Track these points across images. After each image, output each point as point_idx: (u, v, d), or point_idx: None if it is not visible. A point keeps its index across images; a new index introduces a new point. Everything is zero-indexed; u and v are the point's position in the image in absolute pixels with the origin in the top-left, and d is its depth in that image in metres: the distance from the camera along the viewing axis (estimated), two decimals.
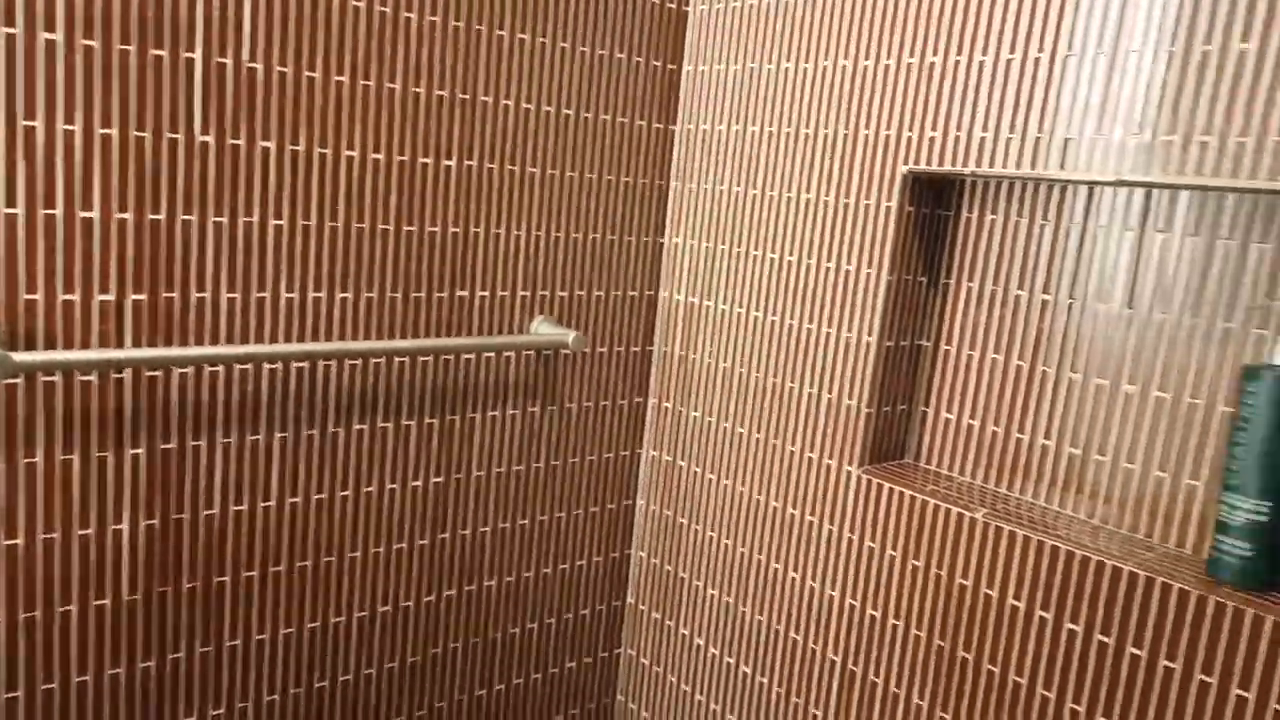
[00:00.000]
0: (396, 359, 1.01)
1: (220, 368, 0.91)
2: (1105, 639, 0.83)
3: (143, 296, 0.86)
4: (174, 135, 0.85)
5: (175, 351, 0.84)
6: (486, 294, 1.06)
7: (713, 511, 1.17)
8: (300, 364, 0.95)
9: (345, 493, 1.01)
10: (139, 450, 0.88)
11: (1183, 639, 0.78)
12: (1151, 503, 0.87)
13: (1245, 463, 0.76)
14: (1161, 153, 0.76)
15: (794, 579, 1.08)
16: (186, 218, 0.87)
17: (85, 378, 0.85)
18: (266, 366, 0.94)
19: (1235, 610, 0.75)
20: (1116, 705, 0.82)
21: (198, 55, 0.84)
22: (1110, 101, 0.79)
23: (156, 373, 0.88)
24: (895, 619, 0.98)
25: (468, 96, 1.00)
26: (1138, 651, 0.81)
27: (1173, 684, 0.78)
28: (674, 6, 1.13)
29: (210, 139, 0.86)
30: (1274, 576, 0.77)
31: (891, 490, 0.98)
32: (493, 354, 1.07)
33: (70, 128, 0.80)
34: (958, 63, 0.89)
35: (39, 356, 0.78)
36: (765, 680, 1.12)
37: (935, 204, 0.99)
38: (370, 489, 1.03)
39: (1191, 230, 0.83)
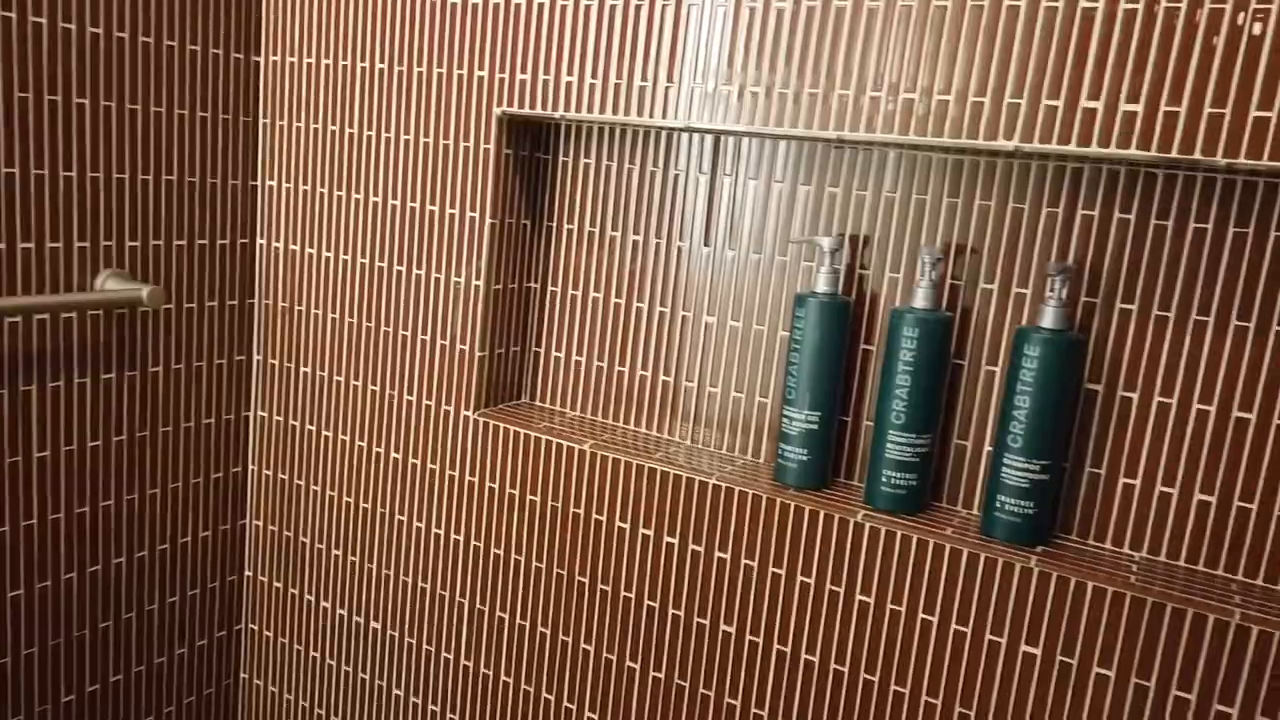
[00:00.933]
0: None
1: None
2: (697, 548, 0.91)
3: None
4: None
5: None
6: (31, 246, 0.91)
7: (332, 470, 1.12)
8: None
9: None
10: None
11: (758, 539, 0.88)
12: (733, 421, 0.97)
13: (798, 379, 0.87)
14: (722, 102, 0.83)
15: (419, 528, 1.07)
16: None
17: None
18: None
19: (796, 509, 0.86)
20: (709, 606, 0.91)
21: None
22: (678, 51, 0.84)
23: None
24: (517, 554, 1.01)
25: None
26: (723, 555, 0.90)
27: (753, 580, 0.88)
28: None
29: None
30: (825, 476, 0.89)
31: (507, 430, 0.99)
32: (46, 316, 0.93)
33: None
34: (541, 5, 0.89)
35: None
36: (396, 633, 1.10)
37: (534, 147, 1.01)
38: None
39: (753, 174, 0.92)
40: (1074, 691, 0.76)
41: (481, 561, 1.03)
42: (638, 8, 0.85)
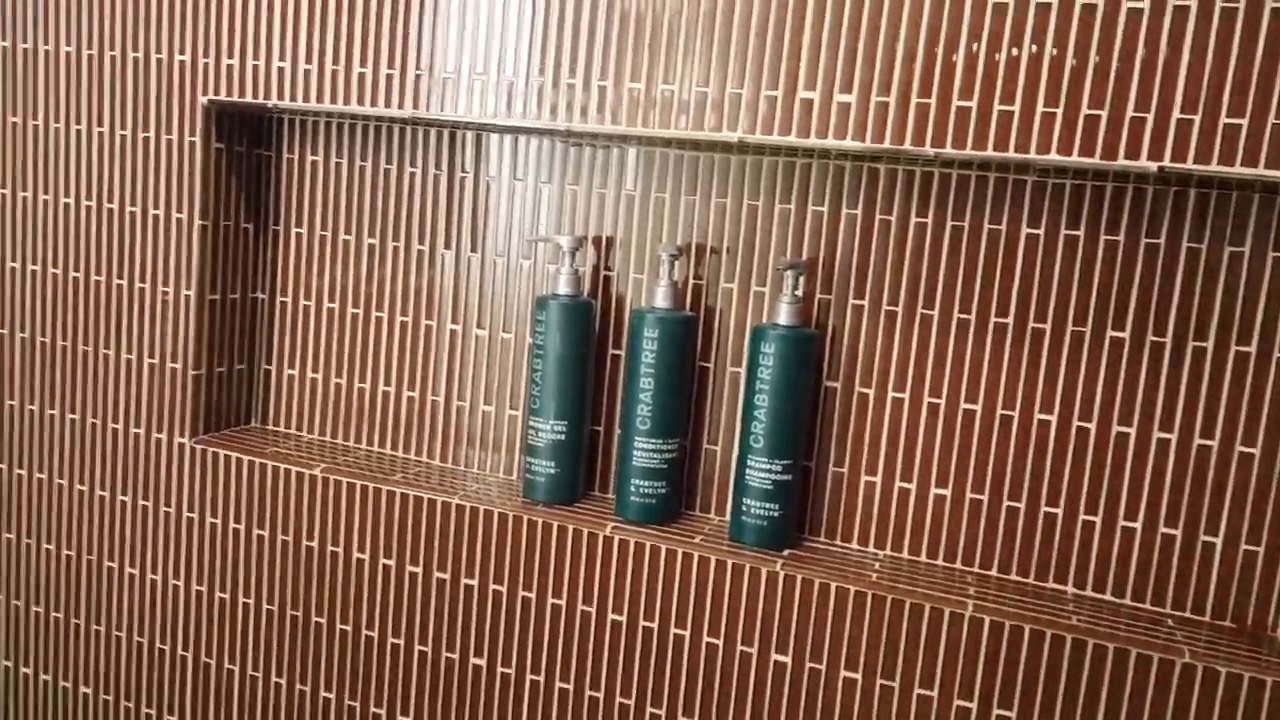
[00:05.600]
0: None
1: None
2: (443, 575, 0.83)
3: None
4: None
5: None
6: None
7: (26, 516, 0.96)
8: None
9: None
10: None
11: (506, 561, 0.81)
12: (483, 437, 0.90)
13: (543, 388, 0.82)
14: (453, 90, 0.77)
15: (132, 574, 0.94)
16: None
17: None
18: None
19: (544, 526, 0.80)
20: (458, 638, 0.83)
21: None
22: (398, 36, 0.77)
23: None
24: (246, 597, 0.90)
25: None
26: (470, 581, 0.83)
27: (503, 606, 0.82)
28: None
29: None
30: (576, 490, 0.84)
31: (229, 458, 0.89)
32: None
33: None
34: None
35: None
36: (110, 698, 0.96)
37: (253, 142, 0.91)
38: None
39: (492, 172, 0.87)
40: (824, 696, 0.74)
41: (205, 608, 0.91)
42: None
